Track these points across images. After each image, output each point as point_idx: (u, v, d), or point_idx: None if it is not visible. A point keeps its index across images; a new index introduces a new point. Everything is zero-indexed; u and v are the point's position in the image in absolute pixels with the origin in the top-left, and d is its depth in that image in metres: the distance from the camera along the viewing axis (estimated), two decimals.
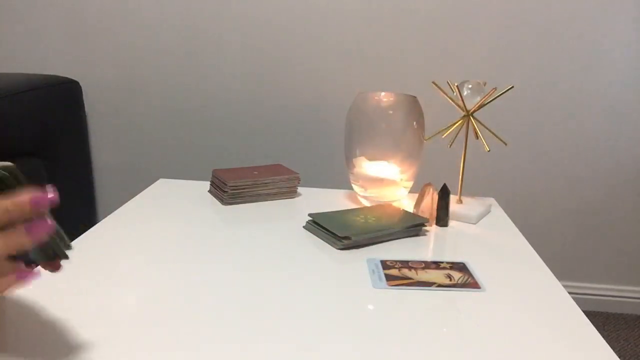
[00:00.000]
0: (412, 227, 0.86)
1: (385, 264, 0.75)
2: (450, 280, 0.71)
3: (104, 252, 0.75)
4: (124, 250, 0.76)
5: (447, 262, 0.76)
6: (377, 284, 0.69)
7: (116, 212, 0.91)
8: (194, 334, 0.56)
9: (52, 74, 1.54)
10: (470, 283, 0.70)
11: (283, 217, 0.93)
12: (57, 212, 0.48)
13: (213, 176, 1.04)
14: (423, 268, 0.74)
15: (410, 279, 0.71)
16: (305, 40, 1.47)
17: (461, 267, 0.75)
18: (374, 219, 0.87)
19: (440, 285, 0.69)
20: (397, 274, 0.72)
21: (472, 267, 0.75)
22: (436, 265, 0.75)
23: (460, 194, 1.00)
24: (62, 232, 0.50)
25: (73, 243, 0.78)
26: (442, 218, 0.92)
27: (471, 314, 0.62)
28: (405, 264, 0.75)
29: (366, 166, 0.97)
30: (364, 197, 1.00)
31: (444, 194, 0.91)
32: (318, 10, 1.45)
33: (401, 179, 0.97)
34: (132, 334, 0.55)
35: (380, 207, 0.94)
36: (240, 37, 1.48)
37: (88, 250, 0.75)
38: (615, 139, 1.47)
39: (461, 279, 0.71)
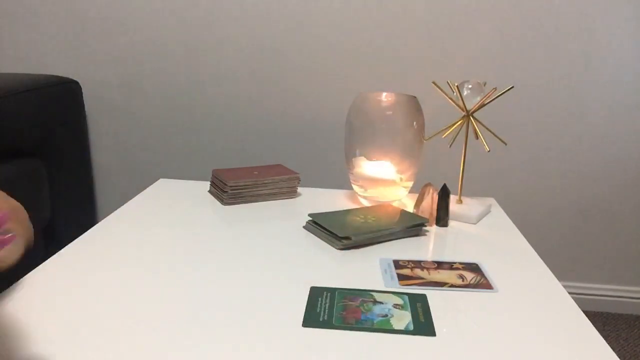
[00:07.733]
0: (412, 227, 0.86)
1: (397, 264, 0.74)
2: (463, 280, 0.71)
3: (104, 252, 0.75)
4: (124, 251, 0.76)
5: (460, 263, 0.76)
6: (389, 284, 0.68)
7: (116, 212, 0.91)
8: (193, 333, 0.56)
9: (52, 74, 1.54)
10: (482, 283, 0.70)
11: (283, 217, 0.93)
12: (57, 212, 0.48)
13: (213, 176, 1.04)
14: (435, 268, 0.74)
15: (422, 279, 0.70)
16: (305, 40, 1.47)
17: (474, 267, 0.75)
18: (374, 219, 0.87)
19: (452, 286, 0.69)
20: (409, 274, 0.71)
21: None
22: (449, 265, 0.75)
23: (460, 194, 1.00)
24: None
25: (73, 243, 0.78)
26: (442, 218, 0.92)
27: (478, 315, 0.62)
28: (417, 264, 0.75)
29: (366, 166, 0.97)
30: (364, 197, 1.00)
31: (444, 194, 0.91)
32: (318, 10, 1.45)
33: (401, 179, 0.97)
34: (132, 334, 0.55)
35: (380, 207, 0.94)
36: (240, 37, 1.48)
37: (88, 250, 0.75)
38: (615, 139, 1.47)
39: (474, 279, 0.71)
